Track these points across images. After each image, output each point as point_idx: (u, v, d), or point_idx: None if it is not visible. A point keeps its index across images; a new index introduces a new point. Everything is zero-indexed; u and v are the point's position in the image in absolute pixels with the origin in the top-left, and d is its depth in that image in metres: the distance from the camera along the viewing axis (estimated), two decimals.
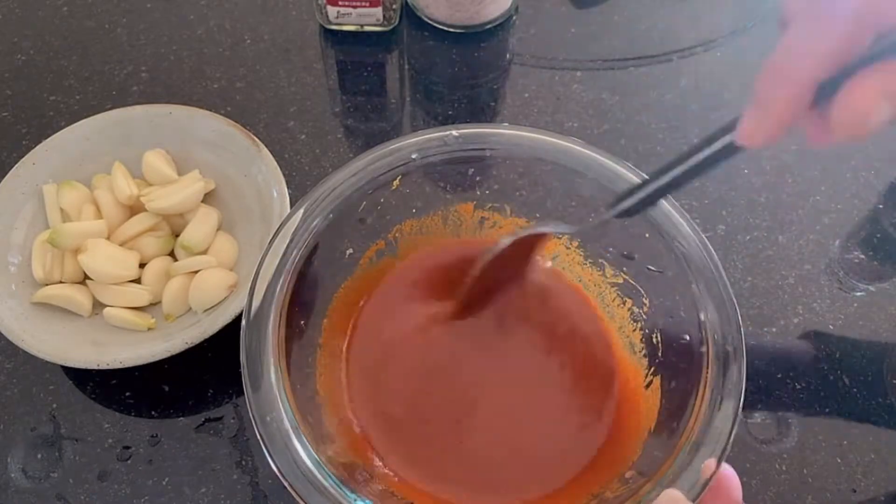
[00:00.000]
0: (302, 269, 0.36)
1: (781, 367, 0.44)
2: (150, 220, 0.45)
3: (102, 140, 0.48)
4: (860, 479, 0.40)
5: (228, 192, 0.48)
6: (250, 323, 0.34)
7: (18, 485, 0.40)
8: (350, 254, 0.40)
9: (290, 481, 0.30)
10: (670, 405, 0.35)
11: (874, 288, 0.47)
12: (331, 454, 0.32)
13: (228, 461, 0.41)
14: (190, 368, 0.43)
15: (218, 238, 0.45)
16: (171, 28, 0.60)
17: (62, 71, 0.57)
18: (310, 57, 0.58)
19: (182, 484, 0.40)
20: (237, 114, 0.54)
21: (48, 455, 0.41)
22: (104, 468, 0.40)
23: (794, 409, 0.42)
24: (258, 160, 0.46)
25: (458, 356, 0.39)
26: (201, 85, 0.56)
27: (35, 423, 0.42)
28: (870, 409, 0.43)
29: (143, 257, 0.44)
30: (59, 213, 0.45)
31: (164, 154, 0.48)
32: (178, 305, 0.43)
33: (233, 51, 0.59)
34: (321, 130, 0.54)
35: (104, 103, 0.55)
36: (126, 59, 0.58)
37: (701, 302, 0.35)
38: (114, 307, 0.43)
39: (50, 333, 0.41)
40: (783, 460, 0.41)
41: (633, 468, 0.34)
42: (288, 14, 0.61)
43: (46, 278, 0.43)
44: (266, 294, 0.34)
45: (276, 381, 0.32)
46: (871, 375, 0.44)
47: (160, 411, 0.42)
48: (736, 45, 0.60)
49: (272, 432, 0.31)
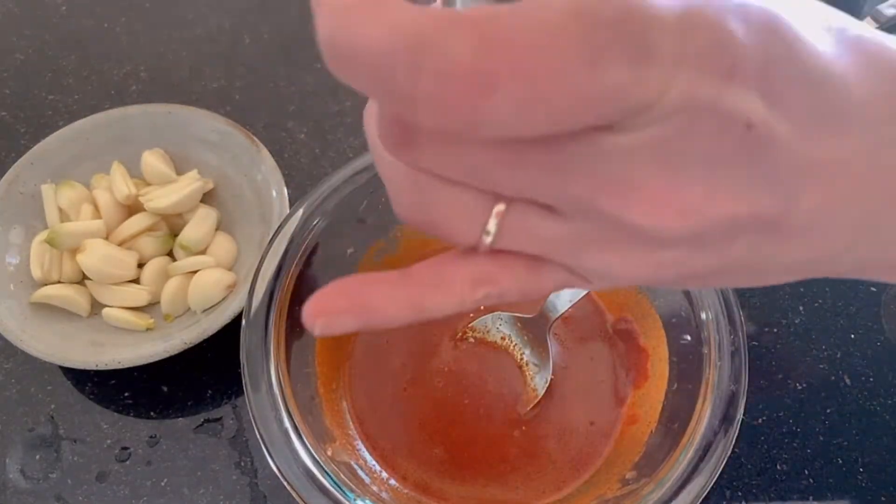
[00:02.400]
0: (302, 269, 0.36)
1: (782, 367, 0.44)
2: (149, 219, 0.45)
3: (101, 140, 0.48)
4: (861, 480, 0.40)
5: (227, 192, 0.48)
6: (250, 323, 0.34)
7: (17, 485, 0.40)
8: (350, 253, 0.40)
9: (290, 481, 0.30)
10: (671, 406, 0.35)
11: (875, 288, 0.47)
12: (331, 454, 0.32)
13: (228, 462, 0.40)
14: (189, 369, 0.43)
15: (217, 238, 0.45)
16: (170, 27, 0.60)
17: (61, 70, 0.57)
18: (309, 56, 0.58)
19: (181, 485, 0.40)
20: (236, 113, 0.54)
21: (47, 456, 0.41)
22: (103, 469, 0.40)
23: (794, 410, 0.42)
24: (257, 160, 0.46)
25: (461, 357, 0.39)
26: (200, 84, 0.56)
27: (33, 423, 0.42)
28: (871, 409, 0.43)
29: (141, 257, 0.44)
30: (58, 212, 0.45)
31: (163, 154, 0.48)
32: (177, 305, 0.43)
33: (232, 50, 0.58)
34: (321, 130, 0.53)
35: (103, 103, 0.55)
36: (125, 58, 0.58)
37: (701, 302, 0.35)
38: (112, 307, 0.42)
39: (48, 333, 0.41)
40: (784, 461, 0.41)
41: (634, 469, 0.34)
42: (287, 13, 0.61)
43: (45, 278, 0.43)
44: (266, 294, 0.34)
45: (275, 381, 0.32)
46: (872, 376, 0.44)
47: (159, 412, 0.42)
48: None
49: (272, 432, 0.31)
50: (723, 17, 0.13)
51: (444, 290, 0.16)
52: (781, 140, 0.14)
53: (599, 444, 0.37)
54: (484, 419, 0.38)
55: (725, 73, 0.13)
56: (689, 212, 0.14)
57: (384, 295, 0.16)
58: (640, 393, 0.37)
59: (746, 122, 0.13)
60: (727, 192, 0.14)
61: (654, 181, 0.14)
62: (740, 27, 0.13)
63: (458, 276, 0.16)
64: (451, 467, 0.37)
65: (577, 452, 0.37)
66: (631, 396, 0.38)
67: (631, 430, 0.36)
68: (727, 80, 0.13)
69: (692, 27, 0.12)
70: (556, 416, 0.38)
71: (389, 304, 0.16)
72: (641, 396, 0.37)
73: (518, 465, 0.37)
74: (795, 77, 0.14)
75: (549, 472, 0.36)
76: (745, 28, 0.13)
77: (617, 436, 0.37)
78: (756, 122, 0.13)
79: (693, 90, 0.13)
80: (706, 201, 0.14)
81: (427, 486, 0.36)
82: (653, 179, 0.14)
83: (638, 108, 0.13)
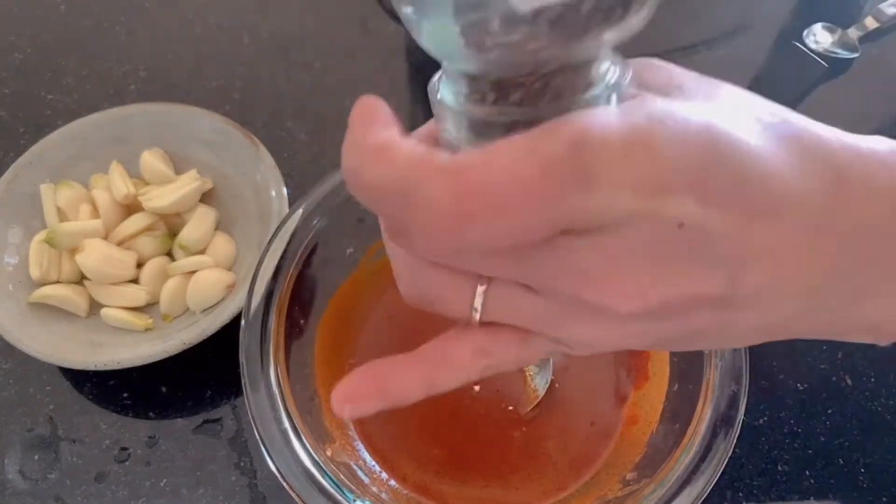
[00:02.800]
0: (301, 269, 0.36)
1: (783, 367, 0.44)
2: (148, 219, 0.45)
3: (100, 139, 0.48)
4: (863, 480, 0.40)
5: (226, 192, 0.47)
6: (249, 323, 0.33)
7: (15, 486, 0.40)
8: (350, 253, 0.40)
9: (290, 482, 0.30)
10: (672, 406, 0.35)
11: None
12: (330, 454, 0.32)
13: (227, 462, 0.40)
14: (188, 369, 0.43)
15: (216, 238, 0.45)
16: (170, 26, 0.60)
17: (60, 69, 0.57)
18: (309, 56, 0.58)
19: (180, 485, 0.40)
20: (235, 113, 0.54)
21: (45, 456, 0.41)
22: (102, 469, 0.40)
23: (795, 410, 0.42)
24: (257, 159, 0.46)
25: None
26: (199, 84, 0.56)
27: (32, 424, 0.42)
28: (872, 409, 0.42)
29: (140, 257, 0.44)
30: (57, 212, 0.45)
31: (162, 153, 0.48)
32: (176, 305, 0.43)
33: (231, 50, 0.58)
34: (320, 129, 0.53)
35: (102, 102, 0.55)
36: (124, 57, 0.58)
37: None
38: (111, 307, 0.42)
39: (47, 334, 0.41)
40: (785, 461, 0.41)
41: (635, 469, 0.34)
42: (287, 13, 0.61)
43: (43, 278, 0.43)
44: (265, 294, 0.34)
45: (275, 381, 0.32)
46: (873, 376, 0.44)
47: (158, 412, 0.42)
48: (738, 43, 0.60)
49: (271, 433, 0.31)
50: (660, 141, 0.15)
51: (449, 366, 0.19)
52: (716, 233, 0.16)
53: (600, 444, 0.37)
54: (484, 419, 0.38)
55: (659, 189, 0.15)
56: (636, 295, 0.17)
57: (400, 379, 0.19)
58: (640, 393, 0.37)
59: (678, 224, 0.16)
60: (669, 278, 0.17)
61: (605, 272, 0.17)
62: (676, 147, 0.15)
63: (459, 351, 0.19)
64: (451, 468, 0.37)
65: (577, 453, 0.37)
66: (631, 397, 0.38)
67: (632, 430, 0.36)
68: (661, 194, 0.15)
69: (632, 154, 0.15)
70: (556, 416, 0.38)
71: (406, 387, 0.19)
72: (642, 397, 0.37)
73: (518, 465, 0.37)
74: (730, 179, 0.16)
75: (549, 473, 0.36)
76: (681, 147, 0.15)
77: (617, 436, 0.37)
78: (688, 222, 0.16)
79: (631, 206, 0.15)
80: (650, 287, 0.17)
81: (427, 486, 0.36)
82: (604, 270, 0.17)
83: (587, 224, 0.16)
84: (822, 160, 0.17)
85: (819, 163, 0.17)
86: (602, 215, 0.15)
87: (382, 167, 0.16)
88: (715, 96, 0.18)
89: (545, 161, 0.15)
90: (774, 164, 0.16)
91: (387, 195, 0.16)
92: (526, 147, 0.15)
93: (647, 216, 0.16)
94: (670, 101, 0.17)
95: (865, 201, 0.17)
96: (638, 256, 0.16)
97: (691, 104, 0.17)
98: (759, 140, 0.17)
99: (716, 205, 0.16)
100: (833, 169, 0.17)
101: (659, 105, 0.16)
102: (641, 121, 0.15)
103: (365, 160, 0.16)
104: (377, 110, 0.17)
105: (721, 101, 0.17)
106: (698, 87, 0.18)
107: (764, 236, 0.17)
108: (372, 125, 0.17)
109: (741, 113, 0.17)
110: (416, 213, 0.16)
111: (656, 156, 0.15)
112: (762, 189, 0.16)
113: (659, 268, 0.17)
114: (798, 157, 0.17)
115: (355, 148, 0.17)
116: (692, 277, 0.17)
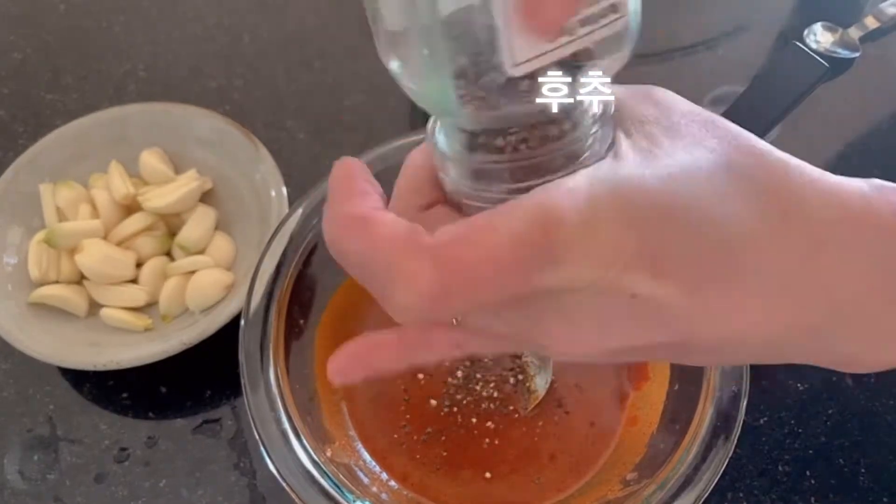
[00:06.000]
0: (301, 268, 0.36)
1: (783, 368, 0.44)
2: (147, 219, 0.45)
3: (99, 139, 0.47)
4: (863, 481, 0.40)
5: (226, 192, 0.47)
6: (249, 323, 0.33)
7: (15, 486, 0.39)
8: None
9: (289, 483, 0.30)
10: (673, 406, 0.35)
11: None
12: (330, 455, 0.32)
13: (226, 463, 0.40)
14: (187, 369, 0.42)
15: (215, 238, 0.45)
16: (169, 26, 0.60)
17: (59, 69, 0.57)
18: (308, 55, 0.58)
19: (179, 486, 0.39)
20: (235, 112, 0.53)
21: (45, 457, 0.40)
22: (101, 470, 0.40)
23: (796, 410, 0.42)
24: (256, 159, 0.46)
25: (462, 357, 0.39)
26: (199, 83, 0.56)
27: (31, 424, 0.42)
28: (873, 410, 0.42)
29: (139, 257, 0.44)
30: (56, 212, 0.45)
31: (162, 153, 0.47)
32: (176, 306, 0.43)
33: (231, 49, 0.58)
34: (320, 129, 0.53)
35: (101, 102, 0.55)
36: (123, 57, 0.58)
37: None
38: (110, 307, 0.42)
39: (46, 334, 0.41)
40: (785, 461, 0.41)
41: (636, 470, 0.33)
42: (287, 13, 0.61)
43: (43, 278, 0.43)
44: (265, 294, 0.34)
45: (274, 381, 0.32)
46: (873, 376, 0.44)
47: (157, 413, 0.42)
48: (738, 43, 0.60)
49: (271, 433, 0.31)
50: (619, 219, 0.16)
51: (429, 351, 0.21)
52: (667, 301, 0.17)
53: (600, 444, 0.37)
54: (484, 419, 0.37)
55: (614, 265, 0.17)
56: (580, 344, 0.19)
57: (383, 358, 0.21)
58: (640, 394, 0.37)
59: (631, 294, 0.17)
60: (618, 335, 0.18)
61: (559, 325, 0.18)
62: (634, 223, 0.17)
63: (441, 340, 0.21)
64: (451, 468, 0.36)
65: (578, 453, 0.37)
66: (632, 397, 0.38)
67: (632, 430, 0.36)
68: (617, 269, 0.17)
69: (593, 233, 0.16)
70: (556, 416, 0.38)
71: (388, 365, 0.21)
72: (642, 397, 0.37)
73: (519, 465, 0.36)
74: (685, 249, 0.17)
75: (549, 473, 0.36)
76: (639, 223, 0.17)
77: (618, 437, 0.37)
78: (639, 293, 0.17)
79: (589, 278, 0.17)
80: (598, 341, 0.19)
81: (427, 486, 0.36)
82: (558, 324, 0.18)
83: (549, 292, 0.17)
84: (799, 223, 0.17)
85: (792, 227, 0.17)
86: (563, 284, 0.17)
87: (363, 242, 0.17)
88: (701, 142, 0.18)
89: (514, 241, 0.16)
90: (736, 230, 0.17)
91: (367, 268, 0.18)
92: (498, 226, 0.16)
93: (603, 289, 0.17)
94: (641, 161, 0.17)
95: (837, 263, 0.18)
96: (592, 317, 0.18)
97: (663, 165, 0.17)
98: (725, 203, 0.17)
99: (669, 276, 0.17)
100: (804, 233, 0.17)
101: (623, 174, 0.17)
102: (604, 195, 0.17)
103: (345, 234, 0.18)
104: (356, 176, 0.19)
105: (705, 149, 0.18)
106: (688, 129, 0.18)
107: (717, 301, 0.17)
108: (351, 196, 0.18)
109: (717, 167, 0.17)
110: (395, 287, 0.17)
111: (614, 235, 0.16)
112: (719, 256, 0.17)
113: (609, 327, 0.18)
114: (774, 220, 0.17)
115: (335, 220, 0.18)
116: (642, 335, 0.18)
